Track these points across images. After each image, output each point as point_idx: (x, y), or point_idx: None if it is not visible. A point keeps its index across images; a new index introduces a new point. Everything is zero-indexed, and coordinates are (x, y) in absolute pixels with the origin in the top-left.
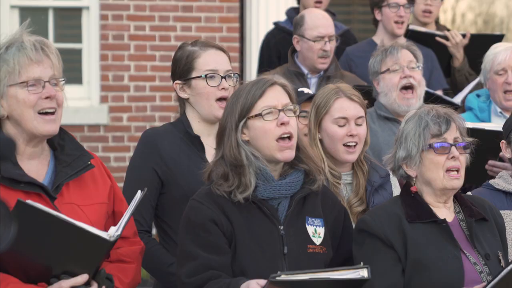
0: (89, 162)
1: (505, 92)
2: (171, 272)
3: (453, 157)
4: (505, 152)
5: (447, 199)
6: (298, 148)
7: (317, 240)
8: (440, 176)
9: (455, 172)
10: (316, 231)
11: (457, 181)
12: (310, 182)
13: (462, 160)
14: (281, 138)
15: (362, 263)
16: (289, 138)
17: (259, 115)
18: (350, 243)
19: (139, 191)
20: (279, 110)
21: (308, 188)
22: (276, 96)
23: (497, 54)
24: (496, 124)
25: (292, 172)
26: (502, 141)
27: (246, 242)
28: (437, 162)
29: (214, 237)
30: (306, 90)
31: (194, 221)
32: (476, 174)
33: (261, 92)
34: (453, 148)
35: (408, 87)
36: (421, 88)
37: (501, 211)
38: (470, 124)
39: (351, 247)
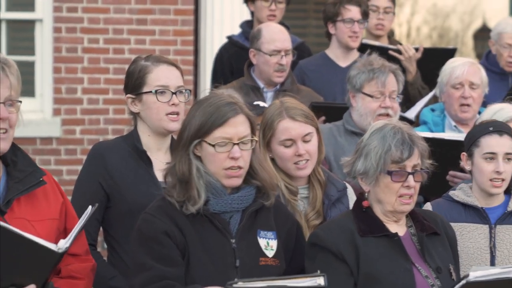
0: (41, 179)
1: (461, 105)
2: (112, 286)
3: (408, 185)
4: (466, 165)
5: (397, 220)
6: (252, 165)
7: (270, 253)
8: (392, 201)
9: (408, 198)
10: (268, 244)
11: (408, 207)
12: (263, 196)
13: (417, 187)
14: (230, 168)
15: (319, 271)
16: (239, 169)
17: (213, 145)
18: (303, 256)
19: (90, 206)
20: (234, 144)
21: (261, 202)
22: (236, 127)
23: (454, 68)
24: (456, 134)
25: (244, 186)
26: (463, 153)
27: (198, 254)
28: (392, 188)
29: (168, 249)
30: (261, 103)
31: (147, 234)
32: (437, 185)
33: (222, 121)
34: (410, 177)
35: (384, 115)
36: (396, 117)
37: (458, 224)
38: (430, 134)
39: (303, 261)
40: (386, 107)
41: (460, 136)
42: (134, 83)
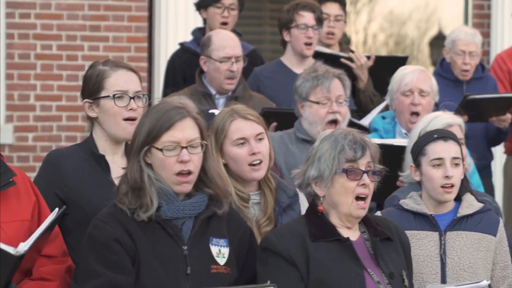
0: (10, 179)
1: (411, 113)
2: None
3: (363, 184)
4: (414, 175)
5: (351, 226)
6: (204, 172)
7: (221, 261)
8: (349, 202)
9: (363, 202)
10: (220, 252)
11: (363, 211)
12: (215, 204)
13: (371, 187)
14: (180, 173)
15: (269, 282)
16: (188, 173)
17: (161, 149)
18: (255, 263)
19: (56, 208)
20: (182, 147)
21: (213, 209)
22: (183, 130)
23: (404, 75)
24: (405, 140)
25: (196, 194)
26: (411, 164)
27: (149, 261)
28: (348, 187)
29: (118, 256)
30: (216, 111)
31: (98, 240)
32: (388, 190)
33: (169, 124)
34: (365, 175)
35: (333, 121)
36: (345, 122)
37: (408, 232)
38: (379, 140)
39: (256, 267)
40: (334, 112)
41: (403, 141)
42: (91, 88)
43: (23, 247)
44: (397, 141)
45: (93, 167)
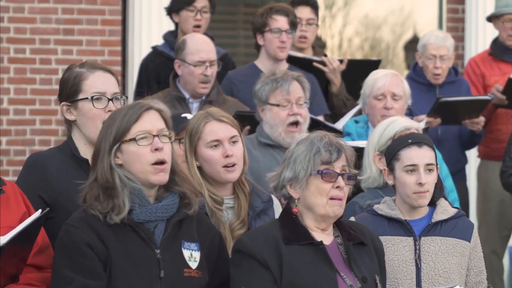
0: (0, 188)
1: (383, 117)
2: None
3: (338, 186)
4: (388, 179)
5: (326, 227)
6: (174, 171)
7: (193, 264)
8: (323, 203)
9: (338, 200)
10: (192, 255)
11: (339, 208)
12: (186, 205)
13: (346, 190)
14: (155, 163)
15: None
16: (163, 163)
17: (133, 139)
18: (225, 267)
19: (39, 210)
20: (154, 136)
21: (184, 212)
22: (151, 121)
23: (377, 79)
24: (359, 142)
25: (167, 195)
26: (384, 168)
27: (121, 266)
28: (322, 189)
29: (89, 261)
30: (189, 116)
31: (69, 245)
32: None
33: (136, 116)
34: (340, 178)
35: (294, 123)
36: (306, 124)
37: (383, 237)
38: (349, 143)
39: (226, 271)
40: (295, 114)
41: (362, 143)
42: (69, 91)
43: (2, 240)
44: (362, 143)
45: (76, 170)
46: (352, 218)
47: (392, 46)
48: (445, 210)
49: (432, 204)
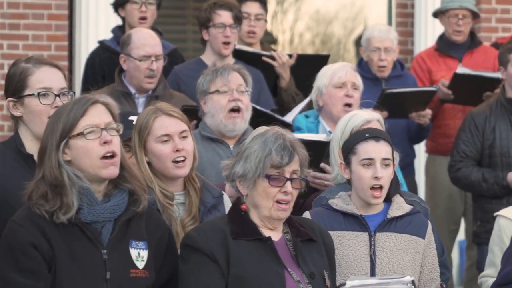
0: None
1: (345, 105)
2: None
3: (285, 191)
4: (344, 173)
5: (272, 227)
6: (123, 167)
7: (140, 264)
8: (269, 206)
9: (284, 204)
10: (139, 255)
11: (284, 213)
12: (135, 203)
13: (294, 193)
14: (104, 157)
15: None
16: (113, 156)
17: (81, 134)
18: (174, 262)
19: None
20: (102, 129)
21: (133, 210)
22: (98, 115)
23: (336, 69)
24: (317, 135)
25: (116, 193)
26: (341, 162)
27: (66, 266)
28: (269, 192)
29: (33, 262)
30: (134, 118)
31: (13, 245)
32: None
33: (83, 110)
34: (288, 183)
35: (235, 110)
36: (248, 113)
37: (337, 232)
38: (298, 135)
39: (174, 267)
40: (235, 100)
41: (320, 136)
42: (15, 86)
43: None
44: (309, 135)
45: (21, 166)
46: (307, 213)
47: (343, 41)
48: (400, 206)
49: (388, 200)
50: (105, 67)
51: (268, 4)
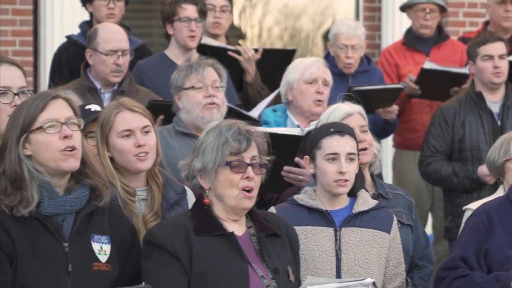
0: None
1: (316, 101)
2: None
3: (248, 177)
4: (308, 168)
5: (237, 218)
6: (84, 163)
7: (103, 258)
8: (234, 194)
9: (248, 192)
10: (102, 249)
11: (249, 201)
12: (96, 198)
13: (257, 180)
14: (64, 150)
15: (143, 283)
16: (73, 149)
17: (41, 128)
18: (138, 259)
19: None
20: (62, 123)
21: (94, 205)
22: (58, 109)
23: (308, 65)
24: (290, 129)
25: (77, 187)
26: (306, 156)
27: (28, 260)
28: (232, 180)
29: None
30: (93, 107)
31: None
32: (273, 181)
33: (43, 105)
34: (249, 168)
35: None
36: (224, 107)
37: (304, 227)
38: (264, 129)
39: (138, 264)
40: (210, 96)
41: (294, 130)
42: None
43: None
44: (282, 130)
45: None
46: (273, 208)
47: (312, 36)
48: (365, 201)
49: (353, 194)
50: (73, 62)
51: None
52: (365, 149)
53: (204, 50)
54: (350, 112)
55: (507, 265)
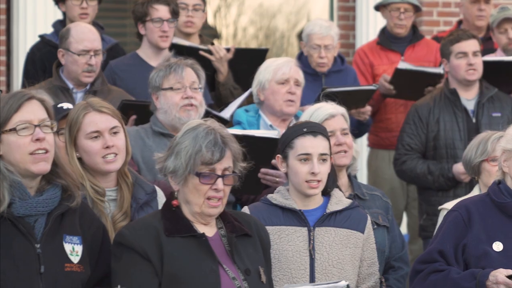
0: None
1: (287, 101)
2: None
3: (216, 188)
4: (281, 167)
5: (205, 223)
6: (56, 164)
7: (75, 259)
8: (199, 203)
9: (216, 201)
10: (74, 249)
11: (216, 210)
12: (68, 198)
13: (227, 190)
14: (35, 152)
15: (119, 286)
16: (46, 152)
17: (14, 129)
18: (109, 260)
19: None
20: (35, 126)
21: (66, 205)
22: (33, 111)
23: (280, 65)
24: (268, 131)
25: (49, 188)
26: (278, 155)
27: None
28: (200, 190)
29: None
30: (65, 105)
31: None
32: (250, 183)
33: (17, 106)
34: (219, 180)
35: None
36: (202, 108)
37: (276, 227)
38: (242, 131)
39: (109, 264)
40: (189, 97)
41: (271, 133)
42: None
43: None
44: (259, 132)
45: None
46: (246, 208)
47: (287, 35)
48: (339, 200)
49: (326, 194)
50: (46, 61)
51: None
52: (344, 151)
53: (180, 49)
54: (333, 113)
55: (484, 260)
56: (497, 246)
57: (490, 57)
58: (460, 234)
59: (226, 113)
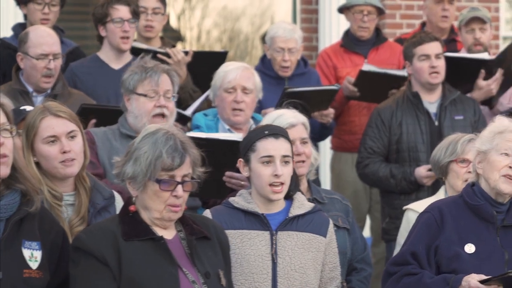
0: None
1: (233, 110)
2: None
3: (176, 195)
4: (243, 171)
5: (164, 227)
6: (15, 169)
7: (34, 265)
8: (160, 209)
9: (175, 207)
10: (32, 255)
11: (176, 214)
12: (27, 203)
13: (186, 196)
14: None
15: None
16: (4, 157)
17: None
18: (68, 265)
19: None
20: None
21: (25, 210)
22: None
23: (227, 72)
24: (231, 134)
25: (8, 193)
26: (240, 159)
27: None
28: (160, 196)
29: None
30: (28, 108)
31: None
32: (214, 186)
33: None
34: (179, 186)
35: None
36: (172, 118)
37: (239, 231)
38: (205, 135)
39: (68, 270)
40: (161, 106)
41: (236, 136)
42: None
43: None
44: (223, 135)
45: None
46: (208, 212)
47: (251, 38)
48: (302, 204)
49: (289, 198)
50: (5, 65)
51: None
52: (303, 161)
53: (139, 53)
54: (294, 123)
55: (456, 262)
56: (469, 248)
57: (453, 54)
58: (432, 235)
59: (188, 111)
